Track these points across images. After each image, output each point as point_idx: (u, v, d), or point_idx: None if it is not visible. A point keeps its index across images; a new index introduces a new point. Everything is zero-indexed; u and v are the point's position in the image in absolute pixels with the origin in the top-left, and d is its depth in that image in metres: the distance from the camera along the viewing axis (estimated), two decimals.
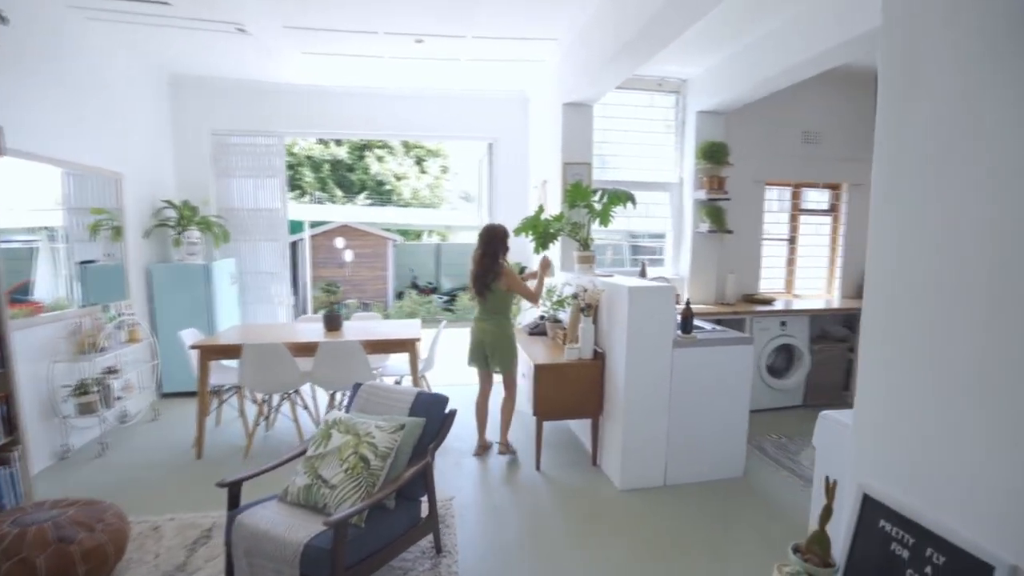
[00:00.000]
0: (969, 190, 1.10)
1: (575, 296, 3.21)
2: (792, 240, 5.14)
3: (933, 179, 1.17)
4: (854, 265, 5.13)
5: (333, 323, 3.77)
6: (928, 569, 1.17)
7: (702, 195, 4.53)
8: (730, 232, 4.62)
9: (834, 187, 5.14)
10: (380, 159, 14.83)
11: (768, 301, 4.71)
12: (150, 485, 3.06)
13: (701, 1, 2.33)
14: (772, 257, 5.08)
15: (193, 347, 3.34)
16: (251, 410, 3.88)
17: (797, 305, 4.65)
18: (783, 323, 4.36)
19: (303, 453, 2.22)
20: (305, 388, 3.86)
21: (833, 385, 4.61)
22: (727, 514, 2.79)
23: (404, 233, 13.60)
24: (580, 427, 3.75)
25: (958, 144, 1.12)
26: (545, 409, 3.23)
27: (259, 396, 3.71)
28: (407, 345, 3.61)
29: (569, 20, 3.68)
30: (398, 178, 15.13)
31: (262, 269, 5.28)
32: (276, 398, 3.75)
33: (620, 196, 3.78)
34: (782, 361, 4.47)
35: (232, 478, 1.98)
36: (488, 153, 5.80)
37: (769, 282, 5.11)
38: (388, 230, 12.33)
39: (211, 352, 3.37)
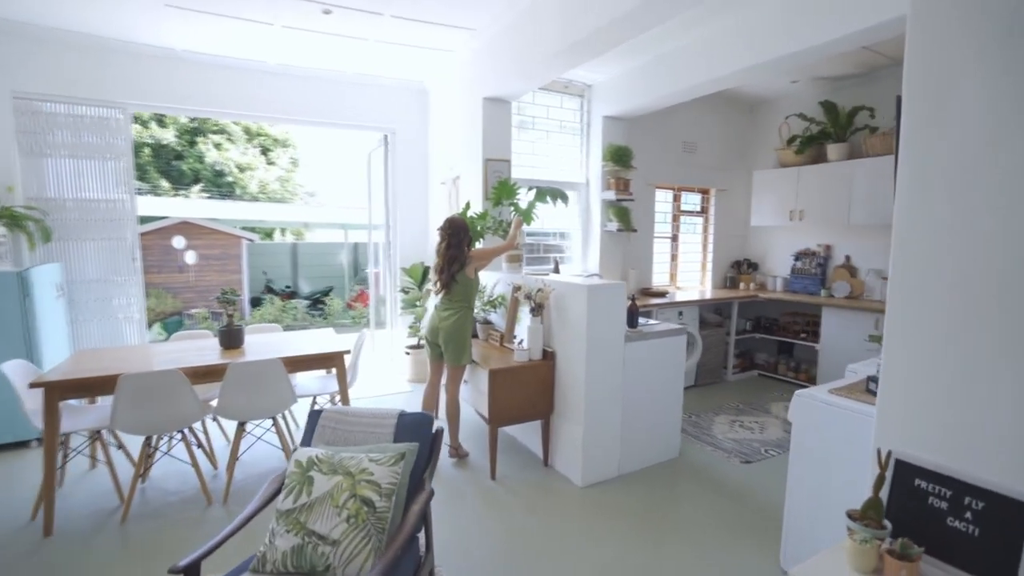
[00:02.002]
0: (991, 198, 1.30)
1: (527, 296, 3.13)
2: (674, 238, 5.74)
3: (959, 188, 1.37)
4: (720, 260, 5.93)
5: (233, 339, 3.09)
6: (968, 515, 1.35)
7: (611, 195, 4.79)
8: (635, 231, 4.96)
9: (704, 191, 5.87)
10: (218, 146, 12.78)
11: (662, 294, 5.18)
12: None
13: (673, 4, 2.42)
14: (660, 253, 5.62)
15: (35, 385, 2.43)
16: (117, 458, 3.02)
17: (683, 296, 5.20)
18: (680, 313, 4.84)
19: (264, 506, 1.77)
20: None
21: (716, 366, 5.26)
22: (681, 493, 2.99)
23: (253, 230, 11.94)
24: (520, 430, 3.67)
25: (981, 163, 1.32)
26: (500, 415, 3.09)
27: (132, 440, 2.88)
28: (334, 360, 3.14)
29: (494, 11, 3.56)
30: (241, 169, 13.23)
31: (98, 277, 4.12)
32: (155, 439, 2.96)
33: (552, 193, 3.79)
34: None
35: (186, 560, 1.47)
36: (384, 145, 5.37)
37: (658, 276, 5.63)
38: (239, 227, 10.67)
39: (65, 389, 2.49)
